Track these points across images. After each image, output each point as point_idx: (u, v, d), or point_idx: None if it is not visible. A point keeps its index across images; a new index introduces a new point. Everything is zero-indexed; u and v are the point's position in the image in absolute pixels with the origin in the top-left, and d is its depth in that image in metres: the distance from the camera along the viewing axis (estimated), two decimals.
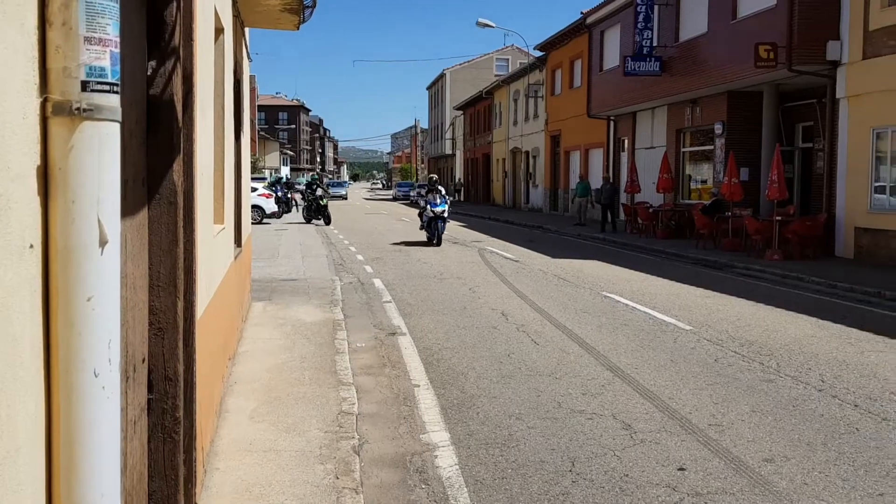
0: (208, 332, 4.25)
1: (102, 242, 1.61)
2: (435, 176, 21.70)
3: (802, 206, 18.39)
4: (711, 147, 20.90)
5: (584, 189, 27.08)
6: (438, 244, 19.08)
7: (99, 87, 1.61)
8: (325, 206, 28.04)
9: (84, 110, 1.59)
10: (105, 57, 1.62)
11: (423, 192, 20.61)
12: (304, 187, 28.99)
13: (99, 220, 1.60)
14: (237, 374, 6.48)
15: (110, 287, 1.66)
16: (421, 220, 20.22)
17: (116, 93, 1.66)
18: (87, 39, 1.58)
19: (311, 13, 7.02)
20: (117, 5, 1.65)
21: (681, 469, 4.63)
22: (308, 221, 28.03)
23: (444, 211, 19.50)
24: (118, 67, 1.66)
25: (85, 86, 1.60)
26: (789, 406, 5.86)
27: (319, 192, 28.36)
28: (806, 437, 5.17)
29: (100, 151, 1.61)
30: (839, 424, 5.43)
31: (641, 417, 5.60)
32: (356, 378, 6.65)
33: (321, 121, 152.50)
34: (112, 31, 1.63)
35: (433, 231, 19.43)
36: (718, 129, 20.08)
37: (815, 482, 4.43)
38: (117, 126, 1.69)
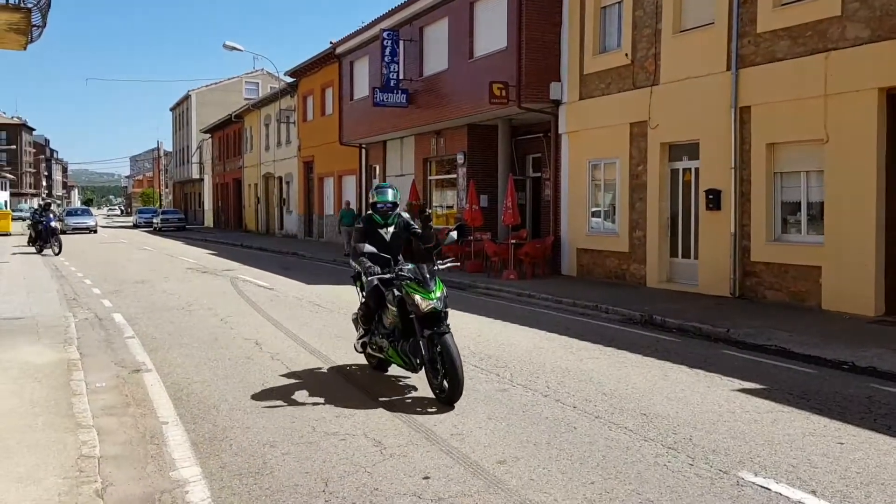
0: None
1: None
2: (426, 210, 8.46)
3: (534, 229, 20.25)
4: (455, 175, 22.31)
5: (350, 217, 24.63)
6: (452, 402, 6.63)
7: None
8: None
9: None
10: None
11: (363, 247, 7.21)
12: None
13: None
14: None
15: None
16: (362, 326, 7.79)
17: None
18: None
19: (41, 33, 6.58)
20: None
21: (426, 478, 4.99)
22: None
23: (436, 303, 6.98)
24: None
25: None
26: (520, 412, 6.53)
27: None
28: (533, 439, 5.80)
29: None
30: (560, 425, 6.16)
31: (391, 434, 5.92)
32: (97, 419, 6.28)
33: (48, 141, 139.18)
34: None
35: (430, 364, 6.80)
36: (460, 159, 21.51)
37: (540, 477, 5.01)
38: None
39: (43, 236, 27.27)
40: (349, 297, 14.45)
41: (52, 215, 27.87)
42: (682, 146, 14.80)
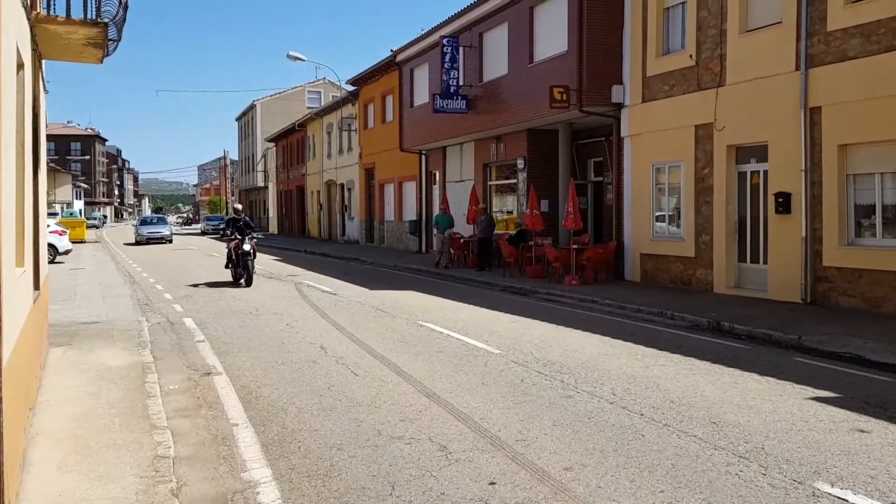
0: (10, 381, 4.05)
1: None
2: None
3: (596, 234, 20.02)
4: (515, 181, 22.25)
5: (447, 222, 23.09)
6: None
7: None
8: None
9: None
10: None
11: None
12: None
13: None
14: (39, 424, 6.09)
15: None
16: None
17: None
18: None
19: (116, 47, 6.84)
20: None
21: (492, 483, 4.99)
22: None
23: None
24: None
25: None
26: (585, 418, 6.47)
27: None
28: (600, 446, 5.74)
29: None
30: (627, 432, 6.08)
31: (456, 438, 5.94)
32: (171, 421, 6.48)
33: (119, 151, 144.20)
34: None
35: None
36: (520, 163, 21.44)
37: (608, 485, 4.96)
38: None
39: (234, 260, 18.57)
40: (410, 302, 14.57)
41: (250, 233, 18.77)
42: (749, 148, 14.45)
